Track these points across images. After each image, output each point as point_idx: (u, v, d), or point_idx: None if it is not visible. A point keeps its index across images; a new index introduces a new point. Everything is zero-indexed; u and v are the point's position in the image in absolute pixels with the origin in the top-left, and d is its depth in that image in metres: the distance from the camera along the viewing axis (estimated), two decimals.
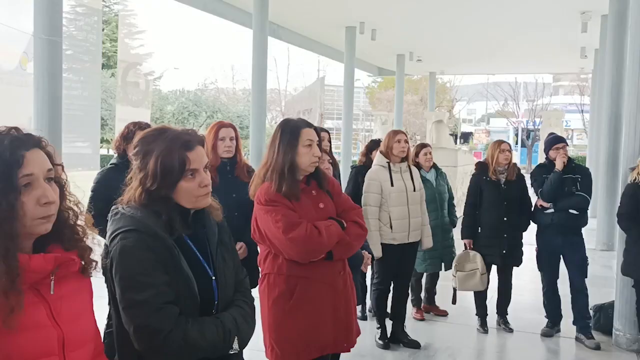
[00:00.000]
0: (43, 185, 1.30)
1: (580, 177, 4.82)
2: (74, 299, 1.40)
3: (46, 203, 1.30)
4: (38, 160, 1.30)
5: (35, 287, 1.30)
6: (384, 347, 4.67)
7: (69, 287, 1.38)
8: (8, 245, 1.23)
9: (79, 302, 1.41)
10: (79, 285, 1.43)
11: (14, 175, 1.25)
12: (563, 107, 39.80)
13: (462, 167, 11.68)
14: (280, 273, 2.70)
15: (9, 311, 1.22)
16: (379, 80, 42.17)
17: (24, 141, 1.30)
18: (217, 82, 40.06)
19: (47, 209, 1.30)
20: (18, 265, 1.24)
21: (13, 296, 1.22)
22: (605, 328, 5.05)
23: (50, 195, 1.31)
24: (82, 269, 1.42)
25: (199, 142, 1.77)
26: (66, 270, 1.36)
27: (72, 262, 1.37)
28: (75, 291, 1.40)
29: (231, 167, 3.77)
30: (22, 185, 1.27)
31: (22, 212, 1.26)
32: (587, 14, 11.56)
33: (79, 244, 1.41)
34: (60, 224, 1.37)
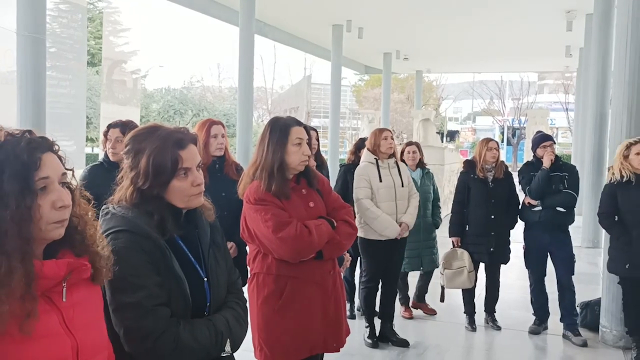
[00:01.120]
0: (58, 189, 1.28)
1: (567, 175, 4.85)
2: (86, 306, 1.36)
3: (61, 207, 1.27)
4: (53, 164, 1.28)
5: (46, 294, 1.27)
6: (373, 345, 4.67)
7: (81, 295, 1.35)
8: (26, 249, 1.21)
9: (90, 310, 1.38)
10: (90, 292, 1.40)
11: (31, 177, 1.23)
12: (548, 105, 40.13)
13: (449, 166, 11.73)
14: (269, 273, 2.68)
15: (26, 316, 1.19)
16: (365, 78, 42.23)
17: (40, 144, 1.27)
18: (203, 80, 39.85)
19: (62, 213, 1.28)
20: (34, 269, 1.21)
21: (29, 301, 1.19)
22: (592, 325, 5.09)
23: (66, 200, 1.28)
24: (93, 276, 1.39)
25: (192, 140, 1.75)
26: (78, 277, 1.33)
27: (84, 268, 1.34)
28: (86, 298, 1.37)
29: (220, 165, 3.75)
30: (38, 189, 1.24)
31: (38, 215, 1.23)
32: (572, 12, 11.67)
33: (90, 250, 1.38)
34: (71, 230, 1.34)
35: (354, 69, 22.24)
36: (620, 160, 4.32)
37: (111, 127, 3.66)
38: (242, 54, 10.57)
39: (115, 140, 3.57)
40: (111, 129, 3.65)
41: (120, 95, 10.80)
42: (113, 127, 3.65)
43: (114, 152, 3.56)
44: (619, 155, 4.35)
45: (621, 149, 4.35)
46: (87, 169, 3.66)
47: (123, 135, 3.53)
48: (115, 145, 3.57)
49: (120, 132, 3.57)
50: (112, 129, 3.64)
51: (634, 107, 4.72)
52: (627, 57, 4.74)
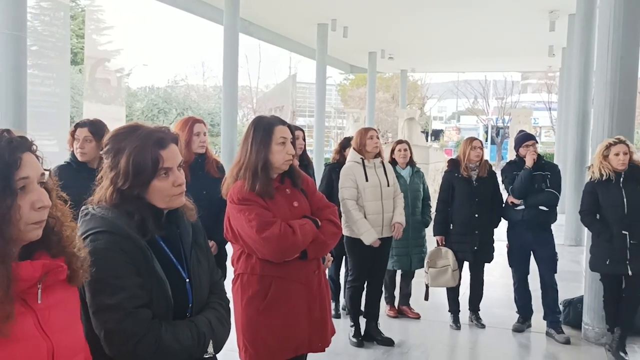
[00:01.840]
0: (38, 189, 1.26)
1: (549, 174, 4.90)
2: (62, 308, 1.34)
3: (41, 208, 1.25)
4: (33, 164, 1.26)
5: (21, 296, 1.25)
6: (358, 344, 4.67)
7: (57, 297, 1.33)
8: (6, 250, 1.19)
9: (67, 312, 1.36)
10: (66, 294, 1.37)
11: (12, 177, 1.21)
12: (531, 104, 40.48)
13: (434, 165, 11.77)
14: (253, 273, 2.67)
15: (5, 318, 1.17)
16: (350, 77, 42.28)
17: (21, 143, 1.26)
18: (187, 78, 39.61)
19: (41, 214, 1.26)
20: (12, 270, 1.20)
21: (7, 303, 1.18)
22: (574, 322, 5.14)
23: (46, 200, 1.26)
24: (70, 277, 1.37)
25: (173, 140, 1.72)
26: (54, 278, 1.31)
27: (60, 269, 1.32)
28: (62, 300, 1.35)
29: (201, 163, 3.74)
30: (18, 189, 1.22)
31: (17, 216, 1.21)
32: (555, 12, 11.77)
33: (66, 251, 1.36)
34: (48, 231, 1.32)
35: (339, 68, 22.26)
36: (600, 159, 4.37)
37: (79, 127, 3.52)
38: (227, 52, 10.53)
39: (83, 139, 3.46)
40: (79, 128, 3.51)
41: (104, 94, 10.69)
42: (81, 126, 3.52)
43: (83, 152, 3.46)
44: (598, 154, 4.40)
45: (601, 148, 4.40)
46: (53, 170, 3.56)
47: (92, 134, 3.47)
48: (83, 145, 3.46)
49: (89, 131, 3.47)
50: (79, 128, 3.51)
51: (615, 107, 4.77)
52: (608, 57, 4.78)
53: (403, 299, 5.55)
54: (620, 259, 4.29)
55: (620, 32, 4.73)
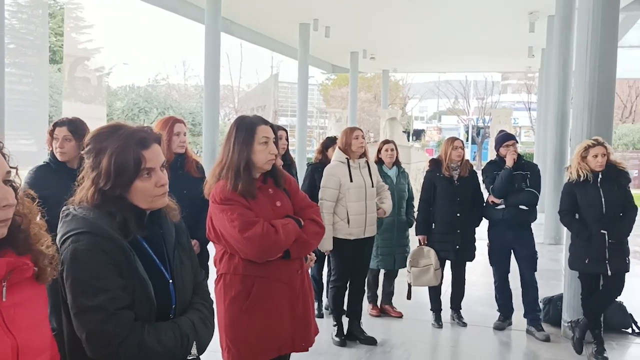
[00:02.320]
0: (3, 188, 1.24)
1: (529, 174, 4.95)
2: (28, 306, 1.33)
3: (5, 206, 1.23)
4: None
5: None
6: (341, 344, 4.68)
7: (23, 294, 1.31)
8: None
9: (33, 310, 1.34)
10: (33, 292, 1.35)
11: None
12: (511, 104, 40.90)
13: (415, 164, 11.83)
14: (236, 273, 2.66)
15: None
16: (332, 77, 42.31)
17: None
18: (168, 78, 39.37)
19: (6, 212, 1.24)
20: None
21: None
22: (554, 320, 5.20)
23: (11, 198, 1.25)
24: (37, 275, 1.35)
25: (156, 140, 1.71)
26: (20, 276, 1.29)
27: (25, 267, 1.30)
28: (29, 298, 1.33)
29: (181, 163, 3.73)
30: None
31: None
32: (534, 14, 11.89)
33: (33, 249, 1.34)
34: (14, 228, 1.30)
35: (321, 67, 22.27)
36: (578, 160, 4.43)
37: (57, 126, 3.46)
38: (208, 52, 10.47)
39: (63, 139, 3.40)
40: (57, 127, 3.45)
41: (83, 93, 10.58)
42: (59, 125, 3.46)
43: (62, 151, 3.40)
44: (577, 155, 4.47)
45: (579, 150, 4.46)
46: (32, 171, 3.47)
47: (71, 133, 3.41)
48: (63, 145, 3.40)
49: (68, 130, 3.41)
50: (58, 127, 3.45)
51: (594, 107, 4.83)
52: (587, 58, 4.85)
53: (386, 298, 5.57)
54: (600, 258, 4.36)
55: (598, 34, 4.80)
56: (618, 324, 5.10)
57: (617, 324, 5.09)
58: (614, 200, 4.36)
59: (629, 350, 4.88)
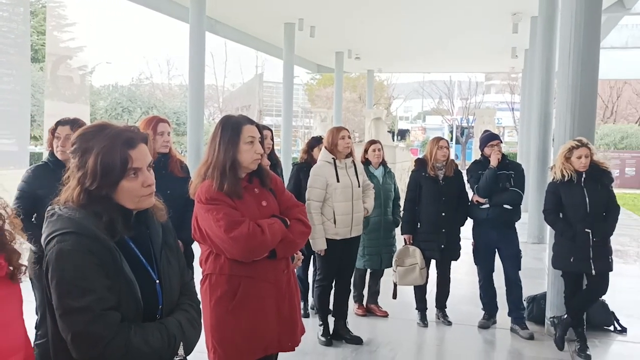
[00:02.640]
0: None
1: (513, 173, 4.99)
2: (1, 306, 1.31)
3: None
4: None
5: None
6: (327, 344, 4.68)
7: None
8: None
9: (6, 310, 1.33)
10: (6, 291, 1.34)
11: None
12: (495, 105, 41.19)
13: (400, 164, 11.88)
14: (222, 273, 2.65)
15: None
16: (317, 77, 42.35)
17: None
18: (152, 77, 39.10)
19: None
20: None
21: None
22: (538, 318, 5.25)
23: None
24: (11, 274, 1.33)
25: (142, 139, 1.70)
26: None
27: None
28: (2, 297, 1.31)
29: (165, 163, 3.71)
30: None
31: None
32: (517, 15, 12.00)
33: (7, 247, 1.32)
34: None
35: (306, 67, 22.26)
36: (562, 161, 4.48)
37: (60, 125, 3.48)
38: (193, 51, 10.42)
39: (65, 137, 3.40)
40: (60, 126, 3.47)
41: (66, 92, 10.46)
42: (62, 124, 3.47)
43: (64, 150, 3.39)
44: (561, 156, 4.51)
45: (563, 150, 4.51)
46: (31, 170, 3.49)
47: (73, 132, 3.41)
48: (65, 143, 3.39)
49: (71, 129, 3.40)
50: (61, 126, 3.47)
51: (577, 109, 4.88)
52: (570, 59, 4.90)
53: (371, 297, 5.58)
54: (584, 258, 4.41)
55: (581, 35, 4.85)
56: (600, 321, 5.17)
57: (599, 321, 5.16)
58: (597, 199, 4.41)
59: (611, 347, 4.94)
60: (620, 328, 5.17)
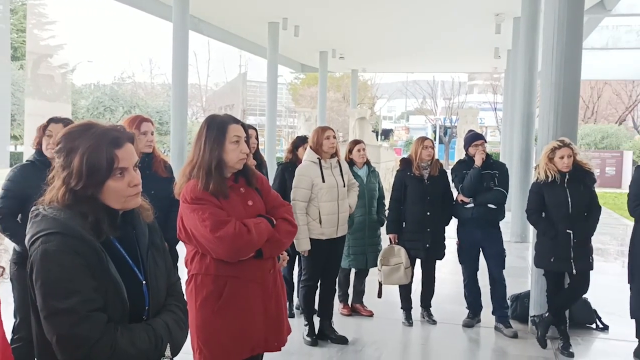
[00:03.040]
0: None
1: (497, 173, 5.02)
2: None
3: None
4: None
5: None
6: (312, 343, 4.67)
7: None
8: None
9: None
10: None
11: None
12: (477, 104, 41.50)
13: (385, 164, 11.91)
14: (208, 273, 2.63)
15: None
16: (301, 76, 42.32)
17: None
18: (134, 76, 38.78)
19: None
20: None
21: None
22: (521, 317, 5.30)
23: None
24: None
25: (129, 139, 1.68)
26: None
27: None
28: None
29: (149, 163, 3.67)
30: None
31: None
32: (500, 15, 12.09)
33: None
34: None
35: (290, 67, 22.23)
36: (546, 161, 4.52)
37: (53, 122, 3.40)
38: (176, 50, 10.36)
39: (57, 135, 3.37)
40: (53, 123, 3.39)
41: (47, 90, 10.33)
42: (55, 122, 3.40)
43: None
44: (544, 156, 4.55)
45: (546, 151, 4.55)
46: (17, 169, 3.41)
47: None
48: None
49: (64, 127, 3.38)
50: (54, 123, 3.39)
51: (560, 108, 4.93)
52: (553, 59, 4.94)
53: (356, 297, 5.59)
54: (565, 257, 4.46)
55: (564, 35, 4.89)
56: (583, 319, 5.23)
57: (582, 319, 5.21)
58: (580, 200, 4.46)
59: (593, 345, 4.99)
60: (602, 326, 5.23)
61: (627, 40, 16.12)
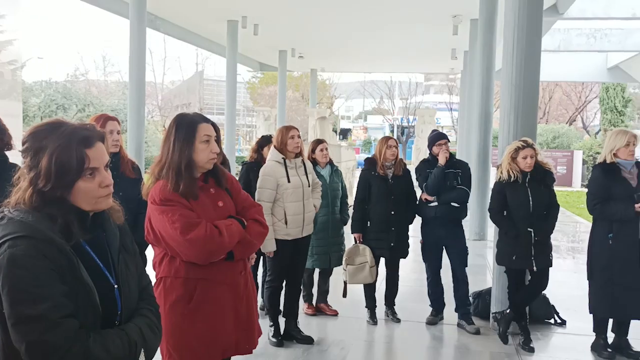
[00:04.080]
0: None
1: (460, 172, 5.10)
2: None
3: None
4: None
5: None
6: (278, 344, 4.64)
7: None
8: None
9: None
10: None
11: None
12: (433, 105, 42.12)
13: (345, 163, 11.95)
14: (177, 276, 2.57)
15: None
16: (259, 75, 42.09)
17: None
18: (87, 73, 37.73)
19: None
20: None
21: None
22: (483, 313, 5.39)
23: None
24: None
25: (99, 138, 1.62)
26: None
27: None
28: None
29: (116, 163, 3.56)
30: None
31: None
32: (458, 17, 12.26)
33: None
34: None
35: (248, 65, 22.04)
36: (509, 161, 4.61)
37: None
38: (133, 48, 10.11)
39: None
40: None
41: None
42: None
43: None
44: (507, 156, 4.64)
45: (510, 151, 4.64)
46: None
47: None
48: None
49: None
50: None
51: (520, 108, 5.03)
52: (513, 59, 5.04)
53: (321, 296, 5.58)
54: (526, 255, 4.57)
55: (523, 35, 5.00)
56: (542, 315, 5.36)
57: (541, 315, 5.34)
58: (540, 200, 4.57)
59: (552, 339, 5.12)
60: (561, 321, 5.37)
61: (578, 43, 16.61)
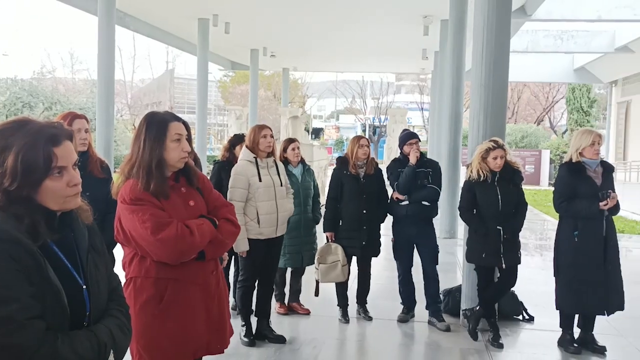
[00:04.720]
0: None
1: (431, 171, 5.15)
2: None
3: None
4: None
5: None
6: (250, 344, 4.63)
7: None
8: None
9: None
10: None
11: None
12: (405, 104, 42.44)
13: (317, 162, 11.97)
14: (148, 276, 2.54)
15: None
16: (230, 74, 41.84)
17: None
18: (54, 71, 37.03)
19: None
20: None
21: None
22: (453, 310, 5.46)
23: None
24: None
25: (67, 136, 1.59)
26: None
27: None
28: None
29: (84, 162, 3.50)
30: None
31: None
32: (428, 18, 12.38)
33: None
34: None
35: (219, 64, 21.90)
36: (479, 161, 4.68)
37: None
38: (102, 45, 9.95)
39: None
40: None
41: None
42: None
43: None
44: (477, 156, 4.71)
45: (480, 151, 4.71)
46: None
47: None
48: None
49: None
50: None
51: (489, 108, 5.11)
52: (482, 60, 5.11)
53: (293, 295, 5.58)
54: (495, 252, 4.64)
55: (493, 38, 5.08)
56: (510, 312, 5.45)
57: (509, 312, 5.43)
58: (509, 198, 4.66)
59: (521, 335, 5.21)
60: (529, 317, 5.47)
61: (545, 44, 16.94)
